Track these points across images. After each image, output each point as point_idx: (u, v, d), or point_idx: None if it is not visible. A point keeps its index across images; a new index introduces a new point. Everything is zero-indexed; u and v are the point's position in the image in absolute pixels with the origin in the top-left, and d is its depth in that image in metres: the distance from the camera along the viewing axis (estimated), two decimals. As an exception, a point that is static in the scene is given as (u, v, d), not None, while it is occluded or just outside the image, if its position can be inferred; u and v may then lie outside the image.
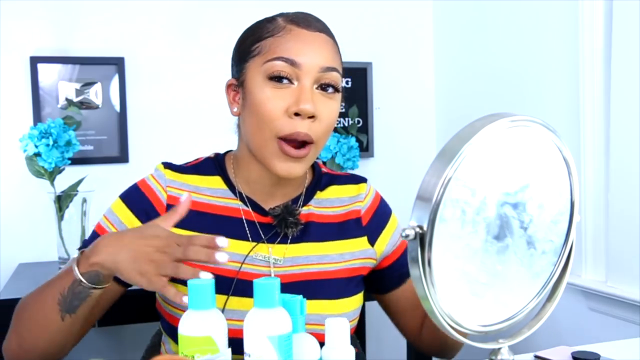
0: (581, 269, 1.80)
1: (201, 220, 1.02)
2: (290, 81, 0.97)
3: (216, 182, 1.06)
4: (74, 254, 1.90)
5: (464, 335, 0.74)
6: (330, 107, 0.99)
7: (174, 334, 1.01)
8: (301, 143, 0.97)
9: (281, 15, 1.03)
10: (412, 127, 2.52)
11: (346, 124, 2.41)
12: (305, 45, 0.98)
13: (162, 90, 2.20)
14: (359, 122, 2.42)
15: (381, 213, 1.14)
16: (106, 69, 2.13)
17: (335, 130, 2.35)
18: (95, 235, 1.03)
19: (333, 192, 1.11)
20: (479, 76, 2.28)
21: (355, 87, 2.42)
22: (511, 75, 2.11)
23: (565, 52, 1.86)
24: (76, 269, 0.88)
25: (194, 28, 2.23)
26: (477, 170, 0.67)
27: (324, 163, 2.21)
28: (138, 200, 1.03)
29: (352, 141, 2.25)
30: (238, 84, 1.03)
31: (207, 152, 1.14)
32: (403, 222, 1.04)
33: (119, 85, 2.14)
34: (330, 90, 0.99)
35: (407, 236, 0.65)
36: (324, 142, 1.02)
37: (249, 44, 1.02)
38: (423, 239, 0.65)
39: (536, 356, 1.02)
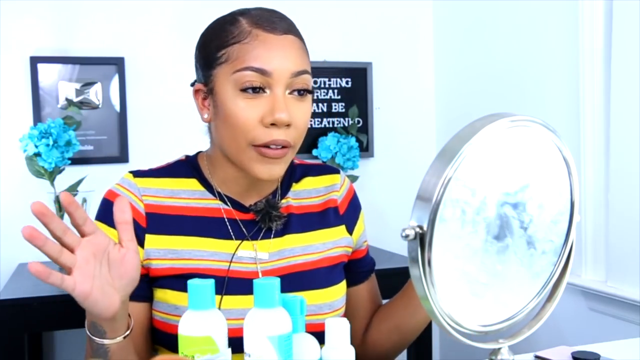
0: (581, 269, 1.80)
1: (182, 224, 1.01)
2: (263, 89, 0.96)
3: (192, 184, 1.05)
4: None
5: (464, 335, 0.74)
6: (303, 110, 0.99)
7: (166, 343, 1.01)
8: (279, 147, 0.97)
9: (243, 14, 0.99)
10: (412, 127, 2.52)
11: (346, 124, 2.41)
12: (274, 52, 0.95)
13: (162, 90, 2.20)
14: (359, 122, 2.42)
15: (355, 204, 1.16)
16: (106, 69, 2.13)
17: (335, 130, 2.35)
18: None
19: (308, 183, 1.13)
20: (479, 76, 2.28)
21: (355, 87, 2.42)
22: (511, 75, 2.11)
23: (565, 52, 1.86)
24: (86, 328, 0.88)
25: (194, 28, 2.21)
26: (477, 170, 0.67)
27: (324, 162, 2.21)
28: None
29: (352, 141, 2.25)
30: (207, 90, 1.01)
31: (181, 155, 1.12)
32: (403, 222, 1.04)
33: (119, 85, 2.14)
34: (303, 93, 0.99)
35: (407, 236, 0.65)
36: (299, 143, 1.02)
37: (214, 50, 0.99)
38: (423, 239, 0.65)
39: (536, 356, 1.02)
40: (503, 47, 2.14)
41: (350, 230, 1.13)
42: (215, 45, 0.99)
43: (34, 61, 2.05)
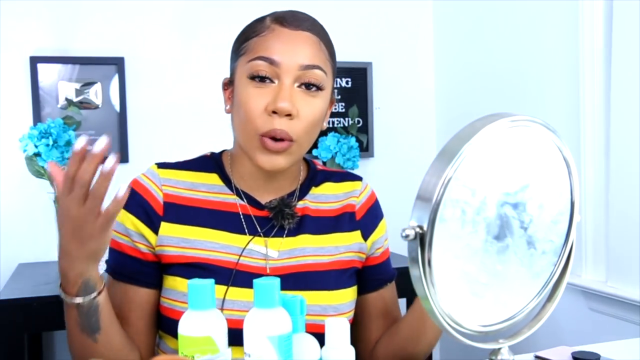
0: (581, 269, 1.80)
1: (198, 215, 1.04)
2: (271, 80, 0.99)
3: (213, 178, 1.08)
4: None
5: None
6: (312, 106, 1.00)
7: (173, 330, 1.02)
8: (279, 139, 0.98)
9: (272, 14, 1.04)
10: (412, 127, 2.52)
11: (346, 124, 2.41)
12: (285, 44, 0.99)
13: (162, 90, 2.20)
14: (359, 122, 2.42)
15: (375, 212, 1.15)
16: (106, 69, 2.13)
17: (335, 130, 2.35)
18: (112, 250, 1.04)
19: (328, 189, 1.13)
20: (479, 76, 2.28)
21: (355, 87, 2.42)
22: (511, 75, 2.11)
23: (566, 52, 1.86)
24: (68, 297, 0.89)
25: (194, 28, 2.23)
26: (477, 170, 0.67)
27: (324, 163, 2.21)
28: (134, 202, 1.03)
29: (352, 141, 2.25)
30: (230, 82, 1.06)
31: (207, 152, 1.14)
32: (403, 222, 1.04)
33: (119, 85, 2.14)
34: (313, 88, 1.00)
35: (407, 236, 0.65)
36: (307, 140, 1.02)
37: (239, 44, 1.04)
38: (423, 239, 0.65)
39: (536, 356, 1.02)
40: (503, 47, 2.14)
41: (365, 237, 1.12)
42: (241, 40, 1.04)
43: (34, 61, 2.05)
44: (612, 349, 1.04)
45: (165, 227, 1.03)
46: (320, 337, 0.82)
